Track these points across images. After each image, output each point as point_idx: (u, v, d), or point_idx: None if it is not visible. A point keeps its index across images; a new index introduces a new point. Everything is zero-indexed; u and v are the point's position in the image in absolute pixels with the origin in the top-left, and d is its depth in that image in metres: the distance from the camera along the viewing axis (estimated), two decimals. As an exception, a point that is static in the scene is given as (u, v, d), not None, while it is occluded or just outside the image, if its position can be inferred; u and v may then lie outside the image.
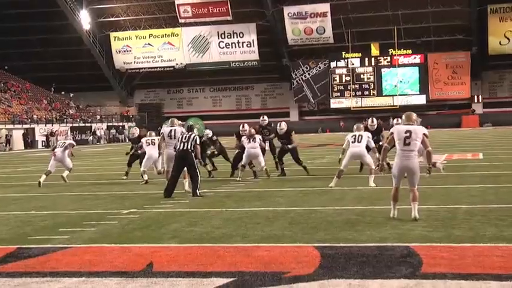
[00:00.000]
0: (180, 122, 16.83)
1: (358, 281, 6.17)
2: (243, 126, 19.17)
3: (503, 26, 66.81)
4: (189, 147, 13.89)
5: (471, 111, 70.87)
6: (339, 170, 14.84)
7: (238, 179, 17.27)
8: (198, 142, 14.27)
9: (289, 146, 18.44)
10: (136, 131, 20.46)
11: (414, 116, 10.07)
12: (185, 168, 14.29)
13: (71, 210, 12.31)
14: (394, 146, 9.95)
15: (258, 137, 17.86)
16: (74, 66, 75.57)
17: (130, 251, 8.05)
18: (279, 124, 18.99)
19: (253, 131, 18.10)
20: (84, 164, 28.63)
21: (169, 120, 17.28)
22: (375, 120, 19.59)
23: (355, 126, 15.74)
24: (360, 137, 15.11)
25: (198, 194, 13.70)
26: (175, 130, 15.33)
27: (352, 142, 15.06)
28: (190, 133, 14.38)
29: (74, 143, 20.12)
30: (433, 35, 69.32)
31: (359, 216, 10.09)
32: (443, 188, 13.84)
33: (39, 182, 17.72)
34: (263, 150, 18.13)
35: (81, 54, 74.23)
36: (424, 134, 9.72)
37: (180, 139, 14.16)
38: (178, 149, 14.01)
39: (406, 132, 9.67)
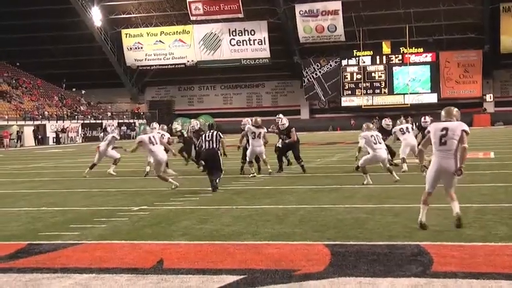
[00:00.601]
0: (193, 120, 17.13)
1: (369, 279, 6.16)
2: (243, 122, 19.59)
3: (516, 24, 66.40)
4: (214, 145, 14.67)
5: (482, 110, 70.52)
6: (362, 167, 14.94)
7: (250, 175, 17.43)
8: (221, 137, 15.11)
9: (287, 141, 18.51)
10: (156, 125, 21.22)
11: (455, 110, 9.10)
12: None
13: (82, 207, 12.35)
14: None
15: (264, 131, 17.91)
16: (85, 63, 75.65)
17: (140, 248, 8.07)
18: (280, 120, 19.04)
19: (259, 120, 18.16)
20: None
21: (149, 127, 18.03)
22: (391, 121, 19.67)
23: (364, 126, 15.38)
24: (378, 137, 14.98)
25: (216, 184, 14.27)
26: (154, 136, 15.70)
27: (375, 143, 14.83)
28: (212, 131, 15.03)
29: (117, 136, 20.78)
30: (444, 33, 68.95)
31: (369, 215, 10.07)
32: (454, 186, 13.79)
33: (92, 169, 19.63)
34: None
35: (93, 51, 74.36)
36: (463, 131, 8.70)
37: (204, 139, 14.91)
38: (205, 148, 14.77)
39: (442, 130, 8.80)
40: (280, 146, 18.80)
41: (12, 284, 6.47)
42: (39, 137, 57.90)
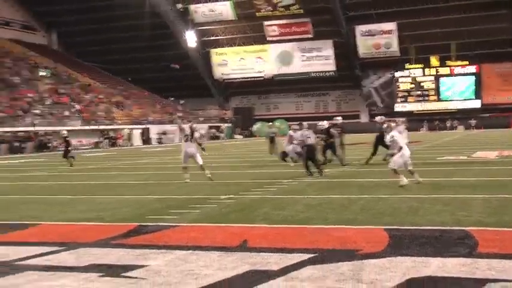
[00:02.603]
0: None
1: (422, 259, 6.04)
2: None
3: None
4: (312, 141, 16.16)
5: (520, 114, 68.44)
6: (394, 170, 12.97)
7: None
8: (315, 137, 16.66)
9: (331, 140, 18.93)
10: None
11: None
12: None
13: (179, 195, 12.53)
14: None
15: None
16: (181, 78, 77.17)
17: (228, 230, 8.13)
18: (320, 122, 19.67)
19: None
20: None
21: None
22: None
23: (393, 124, 14.62)
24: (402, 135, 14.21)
25: (322, 170, 15.90)
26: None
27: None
28: (310, 130, 16.56)
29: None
30: (486, 48, 67.05)
31: (420, 204, 9.85)
32: (495, 180, 13.34)
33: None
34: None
35: (188, 67, 75.69)
36: None
37: (304, 136, 16.42)
38: (306, 142, 16.25)
39: None
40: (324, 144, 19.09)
41: (126, 257, 6.64)
42: (145, 138, 59.16)
